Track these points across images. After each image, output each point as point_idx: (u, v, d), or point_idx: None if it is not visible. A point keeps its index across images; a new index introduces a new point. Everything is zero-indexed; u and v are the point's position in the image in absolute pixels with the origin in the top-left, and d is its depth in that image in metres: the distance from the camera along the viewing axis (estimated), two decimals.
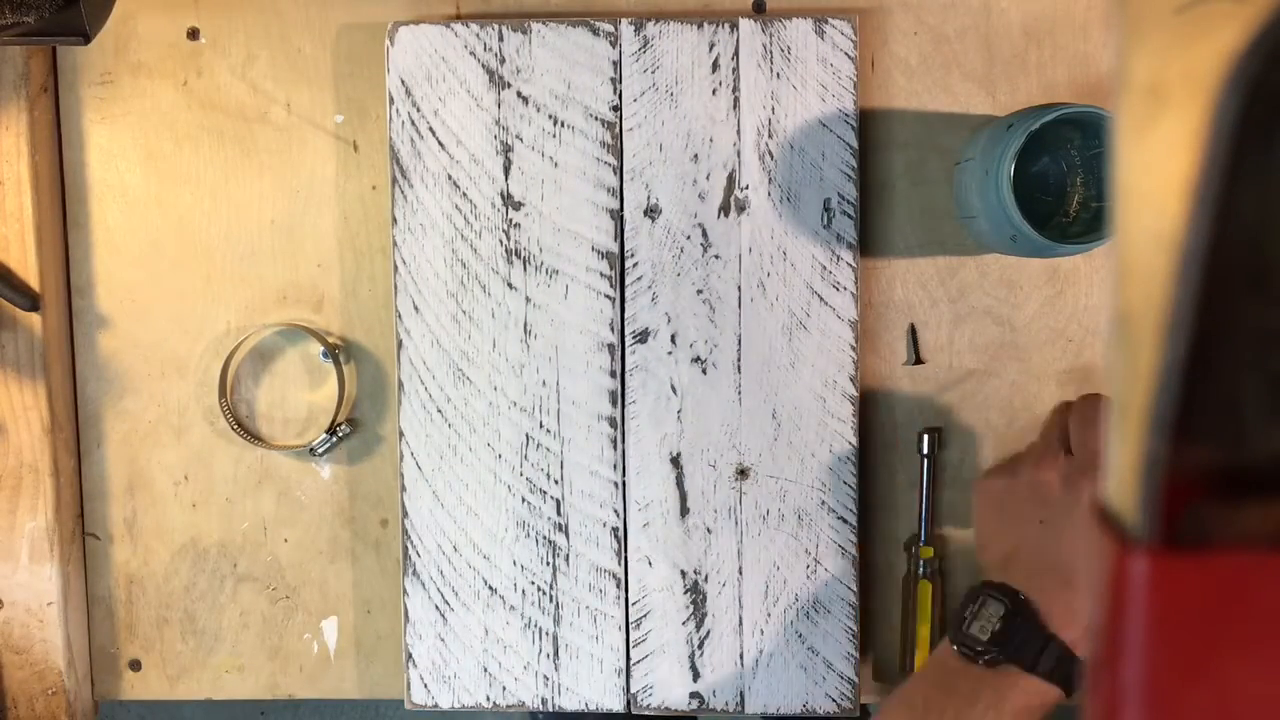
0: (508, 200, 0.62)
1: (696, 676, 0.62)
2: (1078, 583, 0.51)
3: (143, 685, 0.67)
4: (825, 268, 0.61)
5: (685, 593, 0.62)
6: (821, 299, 0.61)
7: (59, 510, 0.64)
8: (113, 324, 0.65)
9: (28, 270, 0.62)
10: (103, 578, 0.66)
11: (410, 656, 0.63)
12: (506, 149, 0.62)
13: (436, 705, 0.64)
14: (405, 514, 0.63)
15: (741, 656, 0.62)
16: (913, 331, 0.63)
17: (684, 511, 0.62)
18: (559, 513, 0.62)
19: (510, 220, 0.62)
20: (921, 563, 0.63)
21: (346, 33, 0.64)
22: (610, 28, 0.61)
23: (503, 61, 0.61)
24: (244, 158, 0.64)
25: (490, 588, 0.63)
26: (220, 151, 0.65)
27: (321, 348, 0.64)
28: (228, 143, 0.64)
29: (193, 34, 0.64)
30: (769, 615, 0.62)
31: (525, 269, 0.62)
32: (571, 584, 0.62)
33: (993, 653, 0.51)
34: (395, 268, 0.62)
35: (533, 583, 0.63)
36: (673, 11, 0.63)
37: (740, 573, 0.62)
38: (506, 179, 0.62)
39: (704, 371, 0.62)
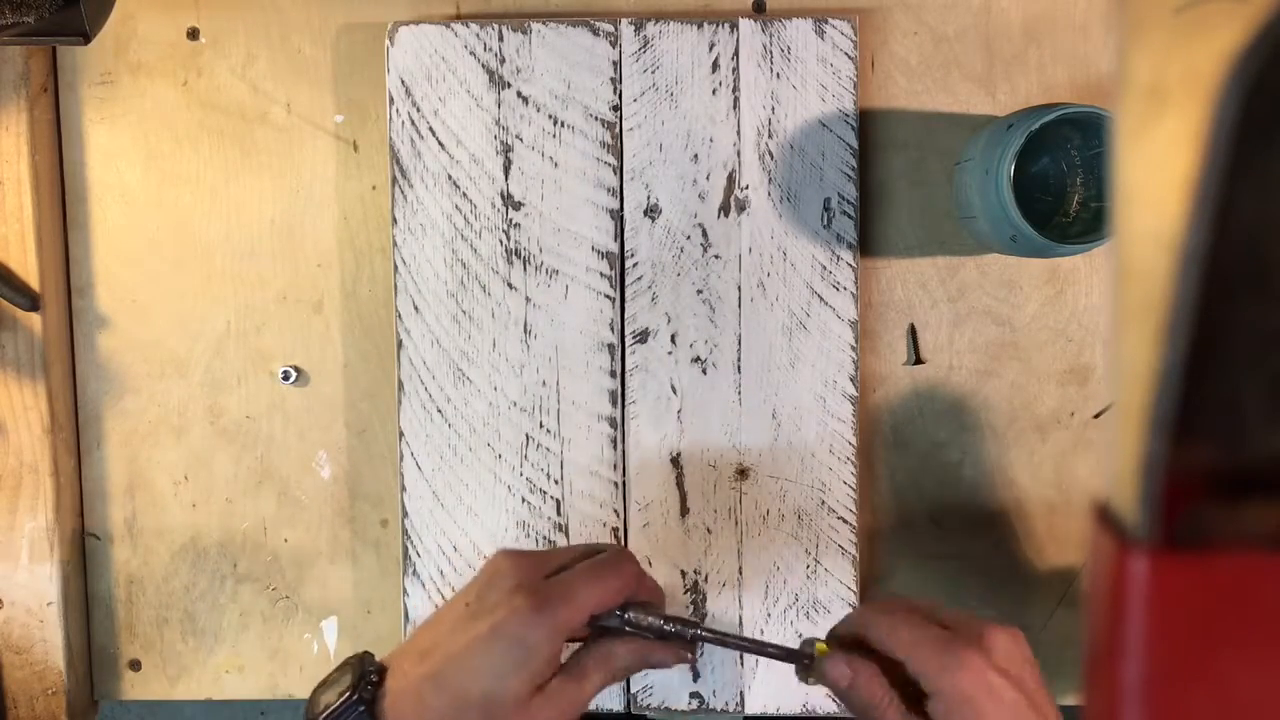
0: (508, 200, 0.62)
1: (696, 676, 0.62)
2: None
3: (143, 685, 0.67)
4: (825, 268, 0.61)
5: (685, 593, 0.62)
6: (821, 299, 0.61)
7: (59, 510, 0.64)
8: (113, 324, 0.65)
9: (28, 270, 0.62)
10: (103, 578, 0.66)
11: None
12: (506, 149, 0.62)
13: None
14: (405, 514, 0.63)
15: (741, 656, 0.62)
16: (913, 331, 0.63)
17: (684, 511, 0.62)
18: (559, 513, 0.62)
19: (510, 220, 0.62)
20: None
21: (346, 33, 0.64)
22: (610, 28, 0.61)
23: (503, 61, 0.61)
24: (244, 158, 0.65)
25: None
26: (220, 151, 0.65)
27: (282, 368, 0.65)
28: (228, 143, 0.64)
29: (193, 34, 0.64)
30: (769, 615, 0.62)
31: (525, 269, 0.62)
32: None
33: None
34: (395, 268, 0.62)
35: None
36: (673, 11, 0.63)
37: (740, 573, 0.62)
38: (506, 179, 0.62)
39: (704, 371, 0.62)
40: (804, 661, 0.47)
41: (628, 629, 0.47)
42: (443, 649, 0.46)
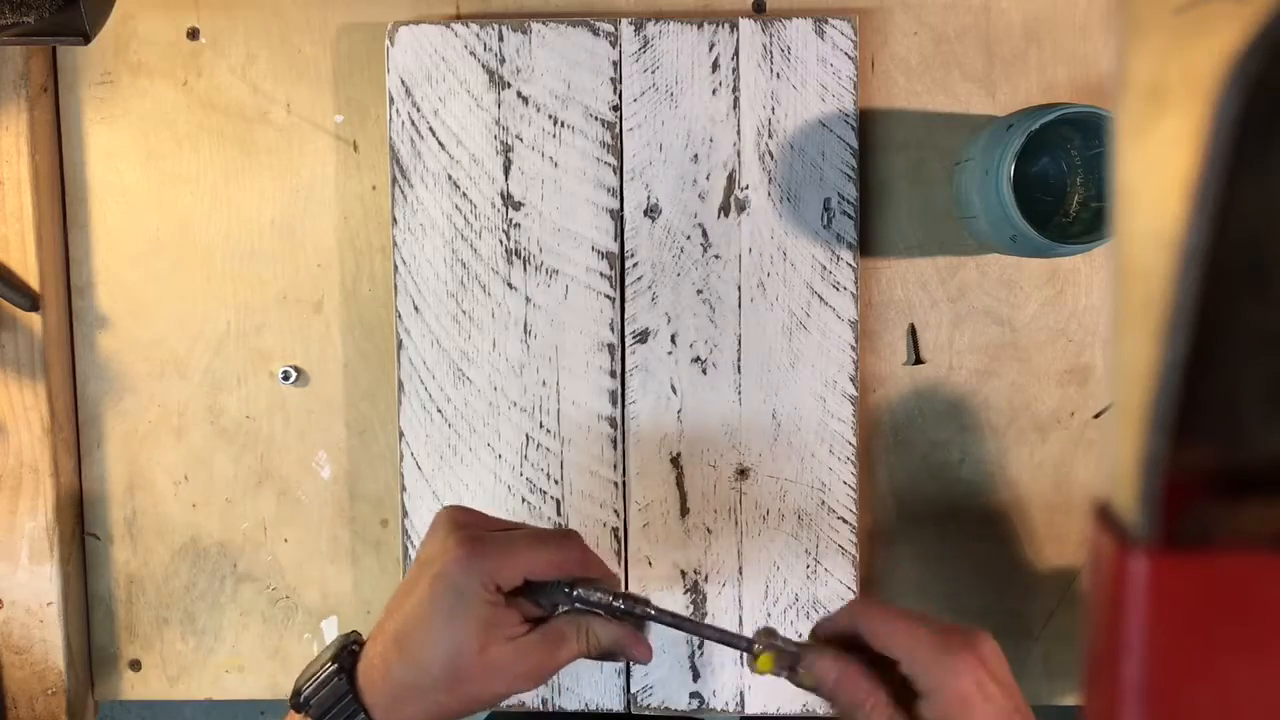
0: (508, 200, 0.62)
1: (696, 676, 0.62)
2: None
3: (143, 685, 0.67)
4: (825, 268, 0.61)
5: (685, 593, 0.62)
6: (821, 299, 0.61)
7: (59, 510, 0.64)
8: (113, 324, 0.65)
9: (28, 270, 0.62)
10: (103, 578, 0.66)
11: None
12: (506, 149, 0.62)
13: None
14: (405, 514, 0.63)
15: (741, 656, 0.62)
16: (913, 331, 0.63)
17: (684, 511, 0.62)
18: (559, 513, 0.62)
19: (510, 220, 0.62)
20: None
21: (346, 33, 0.64)
22: (610, 28, 0.61)
23: (503, 61, 0.61)
24: (244, 158, 0.65)
25: None
26: (220, 151, 0.65)
27: (282, 368, 0.65)
28: (228, 143, 0.64)
29: (193, 34, 0.64)
30: (769, 615, 0.62)
31: (525, 269, 0.62)
32: None
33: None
34: (395, 268, 0.62)
35: None
36: (673, 11, 0.63)
37: (740, 573, 0.62)
38: (506, 179, 0.62)
39: (704, 371, 0.62)
40: (753, 650, 0.47)
41: (577, 605, 0.48)
42: (399, 608, 0.47)
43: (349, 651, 0.48)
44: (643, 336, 0.62)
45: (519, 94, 0.61)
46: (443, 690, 0.46)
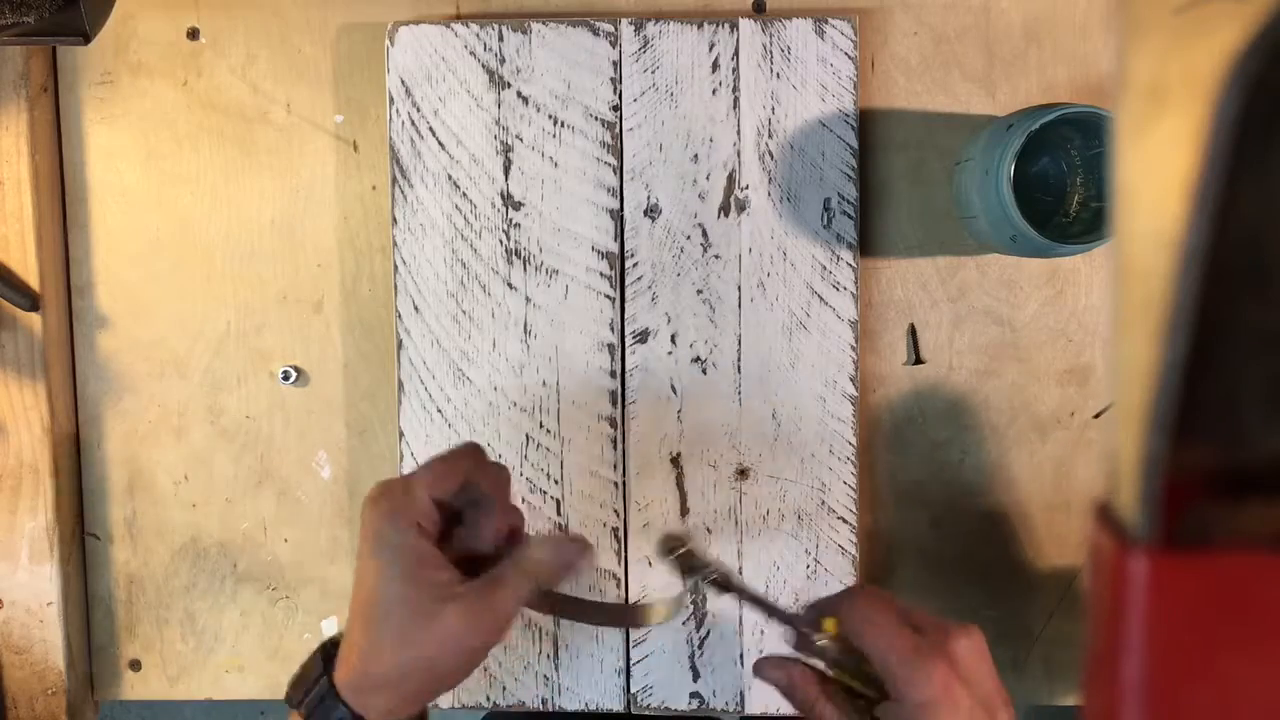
0: (508, 200, 0.62)
1: (696, 676, 0.62)
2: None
3: (143, 685, 0.67)
4: (825, 268, 0.61)
5: (685, 592, 0.62)
6: (821, 299, 0.61)
7: (59, 510, 0.64)
8: (113, 324, 0.65)
9: (28, 270, 0.62)
10: (103, 578, 0.66)
11: None
12: (506, 149, 0.62)
13: (436, 705, 0.64)
14: None
15: (741, 656, 0.62)
16: (913, 331, 0.63)
17: (684, 511, 0.62)
18: (559, 513, 0.62)
19: (510, 220, 0.62)
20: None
21: (346, 33, 0.64)
22: (610, 28, 0.61)
23: (503, 61, 0.61)
24: (244, 158, 0.65)
25: None
26: (220, 151, 0.65)
27: (282, 368, 0.65)
28: (228, 143, 0.64)
29: (193, 34, 0.64)
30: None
31: (525, 269, 0.62)
32: (571, 584, 0.62)
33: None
34: (395, 268, 0.62)
35: None
36: (673, 11, 0.63)
37: (740, 573, 0.62)
38: (506, 179, 0.62)
39: (704, 371, 0.62)
40: (804, 633, 0.49)
41: (673, 560, 0.52)
42: (354, 587, 0.47)
43: (332, 641, 0.49)
44: (643, 336, 0.62)
45: (519, 94, 0.61)
46: (400, 648, 0.45)
